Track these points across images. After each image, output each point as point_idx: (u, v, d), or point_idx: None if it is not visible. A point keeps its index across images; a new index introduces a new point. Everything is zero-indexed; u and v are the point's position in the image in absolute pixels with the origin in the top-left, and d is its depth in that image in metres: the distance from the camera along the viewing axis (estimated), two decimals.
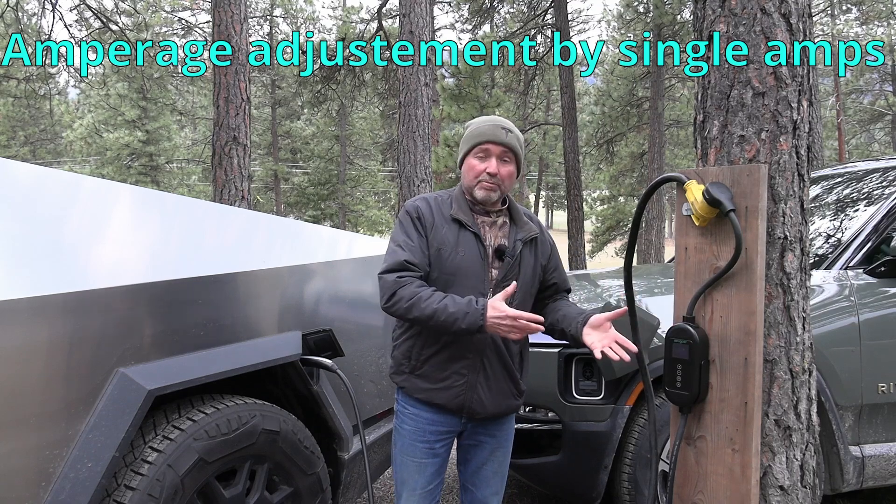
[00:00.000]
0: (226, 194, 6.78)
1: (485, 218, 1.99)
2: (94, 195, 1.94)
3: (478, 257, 1.92)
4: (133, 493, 1.72)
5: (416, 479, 1.99)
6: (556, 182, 39.59)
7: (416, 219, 1.95)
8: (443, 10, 20.99)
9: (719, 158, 1.86)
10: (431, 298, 1.79)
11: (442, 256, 1.91)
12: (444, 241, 1.92)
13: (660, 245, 16.75)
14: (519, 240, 1.97)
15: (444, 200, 2.01)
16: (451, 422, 1.98)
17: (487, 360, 1.93)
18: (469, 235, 1.93)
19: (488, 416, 1.98)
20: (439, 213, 1.96)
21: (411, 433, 1.99)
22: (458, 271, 1.90)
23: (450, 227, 1.94)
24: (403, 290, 1.82)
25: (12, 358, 1.53)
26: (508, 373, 1.98)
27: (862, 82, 24.32)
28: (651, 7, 17.47)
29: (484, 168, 1.94)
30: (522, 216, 2.04)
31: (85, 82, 20.95)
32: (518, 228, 2.00)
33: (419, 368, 1.95)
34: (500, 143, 1.95)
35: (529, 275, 1.99)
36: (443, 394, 1.93)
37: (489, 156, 1.95)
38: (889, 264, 2.80)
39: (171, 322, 1.89)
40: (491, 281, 1.93)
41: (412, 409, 1.99)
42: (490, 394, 1.94)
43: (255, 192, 26.45)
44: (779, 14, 1.78)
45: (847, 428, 2.70)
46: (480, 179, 1.95)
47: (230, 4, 6.80)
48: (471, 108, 12.22)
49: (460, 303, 1.78)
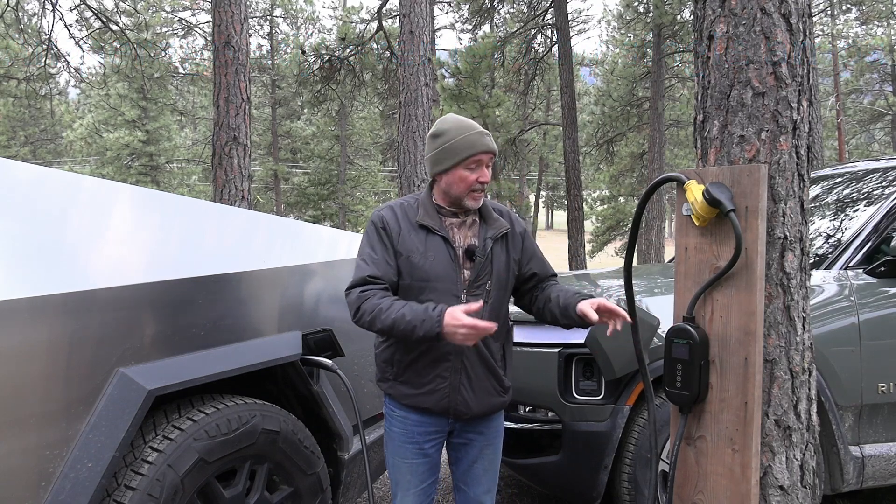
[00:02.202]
0: (226, 194, 6.78)
1: (453, 220, 1.99)
2: (94, 195, 1.93)
3: (448, 260, 1.92)
4: (133, 493, 1.72)
5: (410, 479, 2.00)
6: (556, 182, 39.58)
7: (381, 229, 1.95)
8: (443, 10, 21.00)
9: (719, 158, 1.87)
10: (391, 309, 1.80)
11: (412, 263, 1.91)
12: (413, 248, 1.92)
13: (660, 245, 16.75)
14: (489, 238, 1.97)
15: (410, 206, 2.00)
16: (439, 423, 1.99)
17: (468, 360, 1.93)
18: (437, 239, 1.93)
19: (475, 416, 1.99)
20: (405, 219, 1.96)
21: (400, 436, 2.00)
22: (430, 276, 1.90)
23: (417, 233, 1.93)
24: (366, 303, 1.85)
25: (12, 358, 1.53)
26: (490, 371, 1.98)
27: (862, 82, 24.32)
28: (651, 7, 17.47)
29: (476, 178, 1.94)
30: (492, 213, 2.03)
31: (85, 82, 20.95)
32: (488, 226, 1.99)
33: (402, 375, 1.96)
34: (489, 151, 1.95)
35: (503, 271, 1.98)
36: (428, 398, 1.94)
37: (481, 165, 1.95)
38: (889, 264, 2.80)
39: (171, 322, 1.89)
40: (464, 282, 1.93)
41: (400, 411, 2.00)
42: (474, 394, 1.95)
43: (255, 192, 26.46)
44: (779, 14, 1.78)
45: (847, 428, 2.70)
46: (473, 189, 1.95)
47: (230, 4, 6.80)
48: (471, 108, 12.22)
49: (417, 310, 1.78)
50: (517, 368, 2.82)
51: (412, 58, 7.67)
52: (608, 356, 2.55)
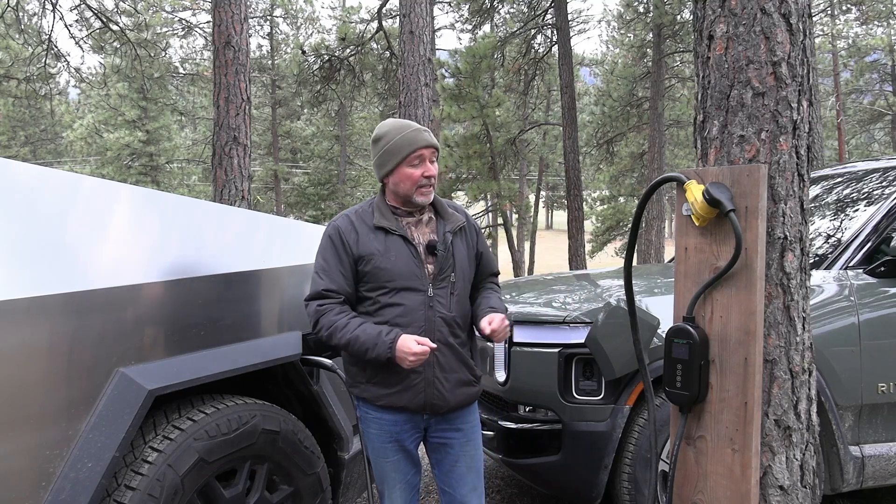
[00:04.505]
0: (226, 194, 6.78)
1: (409, 219, 2.04)
2: (94, 195, 1.93)
3: (410, 258, 1.97)
4: (133, 493, 1.72)
5: (394, 475, 2.05)
6: (556, 182, 39.57)
7: (337, 239, 1.99)
8: (443, 10, 20.98)
9: (719, 158, 1.87)
10: (346, 328, 1.89)
11: (375, 265, 1.96)
12: (374, 250, 1.97)
13: (660, 245, 16.75)
14: (448, 231, 2.03)
15: (364, 211, 2.06)
16: (414, 419, 2.02)
17: (440, 353, 1.96)
18: (396, 239, 1.98)
19: (451, 409, 2.01)
20: (362, 224, 2.01)
21: (378, 436, 2.03)
22: (395, 276, 1.95)
23: (376, 235, 1.99)
24: (323, 318, 1.93)
25: (12, 358, 1.53)
26: (462, 361, 2.02)
27: (862, 82, 24.30)
28: (651, 7, 17.47)
29: (421, 173, 1.99)
30: (447, 208, 2.09)
31: (85, 82, 20.96)
32: (445, 221, 2.06)
33: (375, 376, 1.99)
34: (429, 146, 2.01)
35: (465, 263, 2.05)
36: (403, 395, 1.97)
37: (424, 160, 2.00)
38: (889, 264, 2.80)
39: (171, 322, 1.89)
40: (429, 277, 1.98)
41: (374, 413, 2.03)
42: (449, 385, 1.99)
43: (255, 192, 26.45)
44: (779, 14, 1.78)
45: (847, 428, 2.69)
46: (420, 185, 2.00)
47: (230, 4, 6.80)
48: (471, 108, 12.20)
49: (370, 333, 1.87)
50: (517, 368, 2.83)
51: (412, 58, 7.67)
52: (608, 356, 2.55)
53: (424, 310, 1.94)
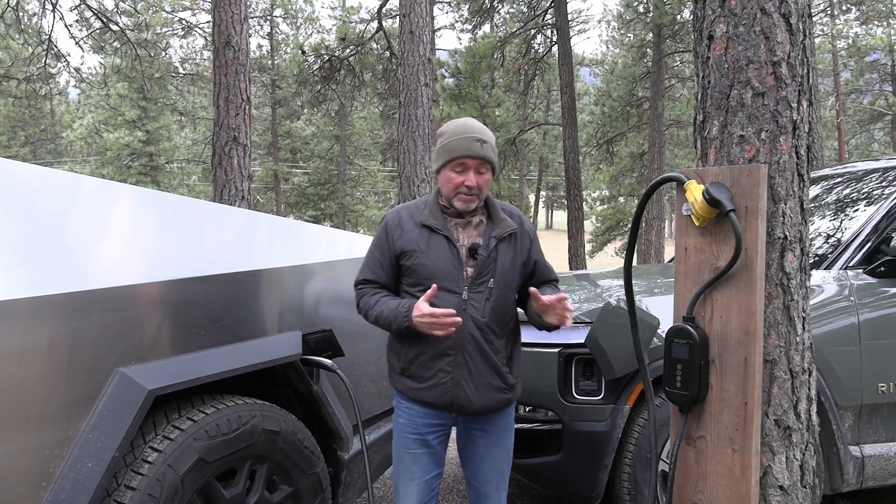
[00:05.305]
0: (226, 194, 6.78)
1: (458, 220, 2.05)
2: (94, 195, 1.93)
3: (450, 258, 1.98)
4: (133, 493, 1.72)
5: (413, 469, 2.06)
6: (556, 182, 39.58)
7: (381, 232, 2.09)
8: (443, 10, 20.99)
9: (719, 158, 1.87)
10: (375, 306, 2.02)
11: (415, 261, 2.00)
12: (415, 247, 2.01)
13: (660, 245, 16.75)
14: (493, 237, 2.02)
15: (418, 207, 2.09)
16: (442, 416, 2.05)
17: (469, 355, 1.98)
18: (440, 239, 2.00)
19: (477, 411, 2.03)
20: (411, 220, 2.05)
21: (404, 426, 2.08)
22: (433, 274, 1.98)
23: (420, 233, 2.02)
24: (361, 301, 2.09)
25: (12, 358, 1.53)
26: (492, 367, 2.01)
27: (862, 82, 24.31)
28: (651, 7, 17.46)
29: (462, 181, 1.99)
30: (500, 213, 2.08)
31: (85, 82, 20.95)
32: (494, 226, 2.05)
33: (407, 369, 2.04)
34: (476, 157, 1.98)
35: (508, 270, 2.03)
36: (431, 392, 2.00)
37: (466, 169, 1.99)
38: (889, 264, 2.80)
39: (171, 322, 1.89)
40: (466, 279, 1.99)
41: (405, 402, 2.08)
42: (475, 389, 1.99)
43: (255, 192, 26.45)
44: (779, 14, 1.78)
45: (847, 428, 2.70)
46: (459, 192, 2.00)
47: (230, 4, 6.80)
48: (471, 108, 12.21)
49: (391, 307, 1.97)
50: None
51: (412, 58, 7.67)
52: (608, 356, 2.55)
53: (458, 312, 1.93)
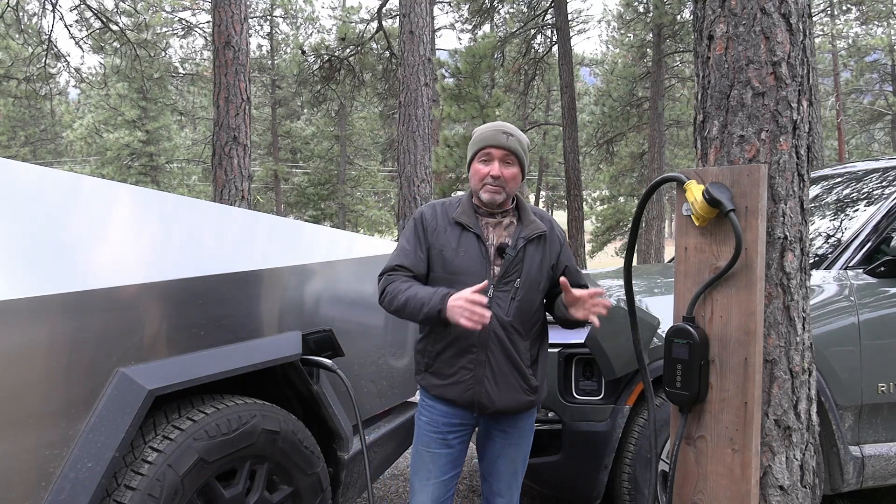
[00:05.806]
0: (226, 194, 6.78)
1: (489, 219, 2.09)
2: (94, 195, 1.93)
3: (478, 256, 2.01)
4: (133, 493, 1.72)
5: (430, 468, 2.08)
6: (556, 182, 39.55)
7: (417, 224, 2.10)
8: (443, 10, 20.98)
9: (719, 158, 1.87)
10: (409, 290, 1.96)
11: (445, 257, 2.03)
12: (446, 243, 2.04)
13: (660, 245, 16.76)
14: (522, 237, 2.04)
15: (451, 205, 2.13)
16: (464, 416, 2.07)
17: (492, 354, 2.00)
18: (470, 236, 2.03)
19: (498, 411, 2.04)
20: (444, 217, 2.09)
21: (426, 424, 2.10)
22: (460, 270, 2.01)
23: (452, 230, 2.05)
24: (389, 286, 2.03)
25: (12, 358, 1.53)
26: (515, 367, 2.03)
27: (862, 82, 24.31)
28: (651, 7, 17.47)
29: (487, 171, 2.04)
30: (530, 215, 2.11)
31: (85, 82, 20.95)
32: (524, 227, 2.07)
33: (432, 366, 2.07)
34: (501, 147, 2.04)
35: (535, 271, 2.05)
36: (453, 389, 2.02)
37: (491, 159, 2.05)
38: (889, 264, 2.80)
39: (171, 322, 1.89)
40: (493, 278, 2.01)
41: (429, 401, 2.11)
42: (497, 388, 2.01)
43: (255, 192, 26.45)
44: (779, 14, 1.78)
45: (847, 428, 2.69)
46: (485, 182, 2.05)
47: (230, 4, 6.81)
48: (471, 108, 12.21)
49: (428, 290, 1.94)
50: None
51: (412, 58, 7.67)
52: (608, 356, 2.55)
53: None
